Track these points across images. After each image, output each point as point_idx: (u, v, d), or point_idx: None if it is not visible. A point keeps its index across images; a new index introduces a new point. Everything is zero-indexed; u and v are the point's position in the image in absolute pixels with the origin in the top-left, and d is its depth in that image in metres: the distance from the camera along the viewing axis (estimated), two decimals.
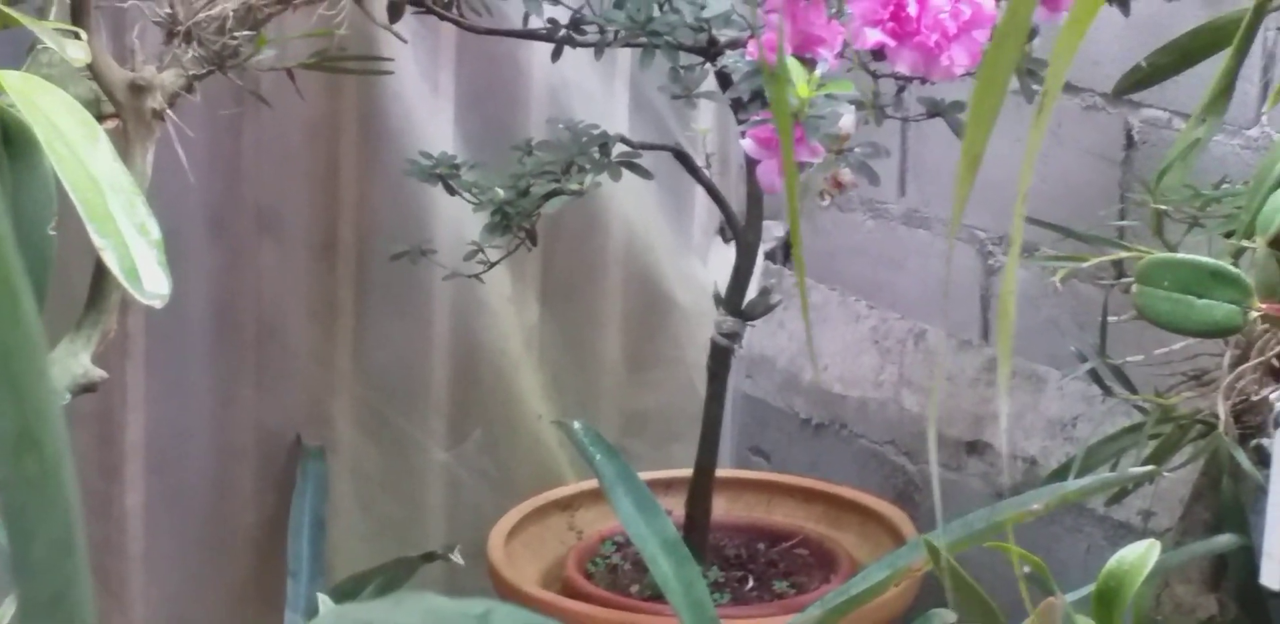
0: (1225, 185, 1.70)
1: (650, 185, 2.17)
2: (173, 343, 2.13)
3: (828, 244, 2.43)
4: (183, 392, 2.16)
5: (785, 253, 2.51)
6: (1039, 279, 1.75)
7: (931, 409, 2.19)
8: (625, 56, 2.22)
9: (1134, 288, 1.47)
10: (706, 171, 2.04)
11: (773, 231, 2.47)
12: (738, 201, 2.07)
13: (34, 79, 1.46)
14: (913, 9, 1.53)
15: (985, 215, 2.15)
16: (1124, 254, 1.64)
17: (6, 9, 1.53)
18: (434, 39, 2.16)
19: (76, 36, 1.56)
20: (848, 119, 1.58)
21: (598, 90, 2.26)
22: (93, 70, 1.63)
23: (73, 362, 1.50)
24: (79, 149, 1.39)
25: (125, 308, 1.73)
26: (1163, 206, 1.66)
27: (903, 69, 1.57)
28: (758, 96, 1.59)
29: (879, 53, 1.58)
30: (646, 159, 1.92)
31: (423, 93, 2.18)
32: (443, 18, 1.87)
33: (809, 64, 1.56)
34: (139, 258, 1.34)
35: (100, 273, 1.51)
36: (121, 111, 1.68)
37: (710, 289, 2.07)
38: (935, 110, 1.76)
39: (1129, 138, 2.03)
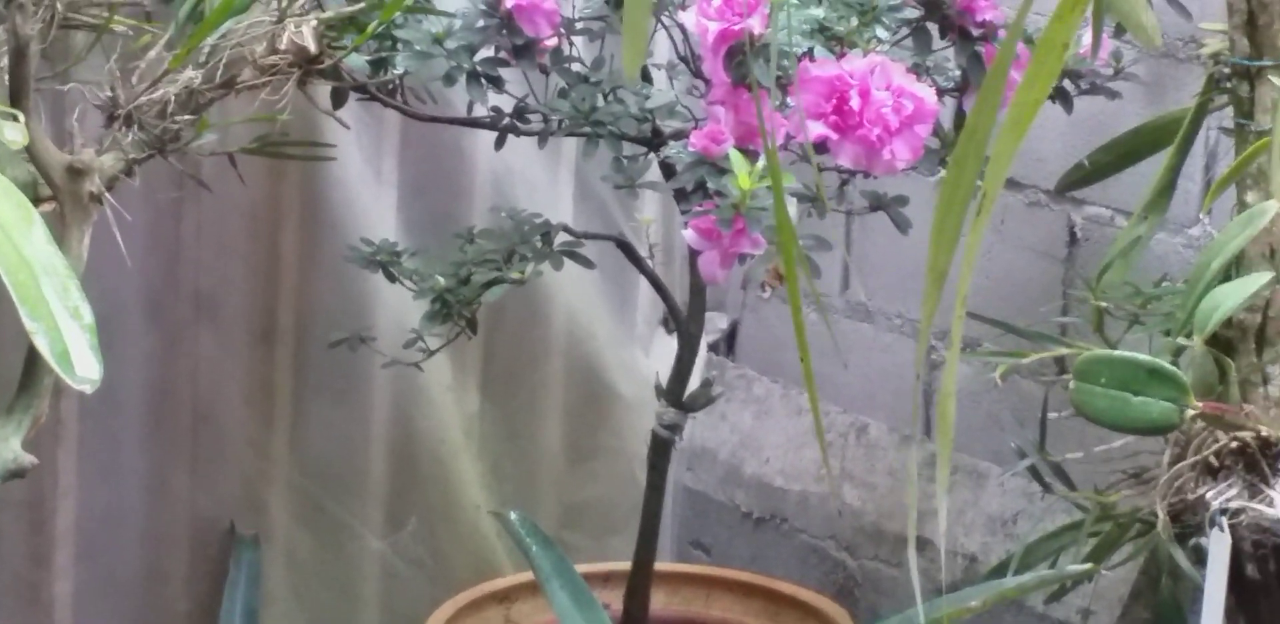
0: (1166, 283, 1.71)
1: (593, 274, 2.16)
2: (106, 428, 2.10)
3: (770, 336, 2.42)
4: (115, 478, 2.13)
5: (728, 344, 2.50)
6: (980, 374, 1.75)
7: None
8: (570, 145, 2.22)
9: (1072, 384, 1.47)
10: (650, 262, 2.04)
11: (716, 323, 2.46)
12: (681, 292, 2.06)
13: None
14: (855, 103, 1.54)
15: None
16: (1065, 351, 1.64)
17: None
18: (378, 125, 2.15)
19: (15, 118, 1.55)
20: (790, 211, 1.57)
21: (542, 179, 2.26)
22: (30, 153, 1.62)
23: (3, 447, 1.48)
24: (13, 232, 1.37)
25: (58, 392, 1.70)
26: (1103, 304, 1.66)
27: (845, 163, 1.57)
28: (700, 187, 1.59)
29: (822, 145, 1.58)
30: (590, 248, 1.91)
31: (366, 179, 2.17)
32: (386, 104, 1.86)
33: (751, 156, 1.56)
34: (71, 342, 1.33)
35: (32, 357, 1.49)
36: (59, 195, 1.66)
37: (652, 380, 2.06)
38: (878, 204, 1.76)
39: (1071, 234, 2.04)
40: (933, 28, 1.73)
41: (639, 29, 0.53)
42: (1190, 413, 1.44)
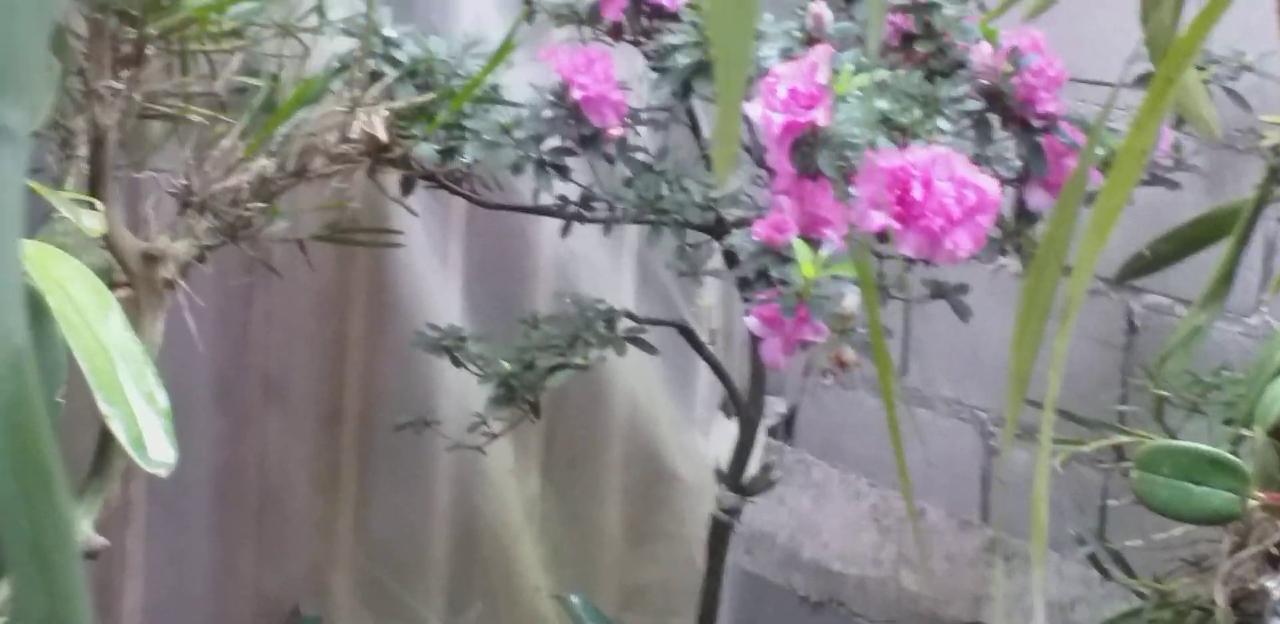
0: (1225, 372, 1.71)
1: (654, 359, 2.18)
2: (174, 510, 2.13)
3: (830, 422, 2.43)
4: (183, 560, 2.15)
5: (787, 428, 2.51)
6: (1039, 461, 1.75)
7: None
8: (632, 231, 2.25)
9: (1133, 473, 1.48)
10: (710, 347, 2.06)
11: (775, 407, 2.47)
12: (740, 376, 2.08)
13: (49, 248, 1.48)
14: (918, 193, 1.55)
15: (987, 396, 2.16)
16: (1124, 439, 1.65)
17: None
18: (445, 211, 2.19)
19: (93, 206, 1.59)
20: (851, 299, 1.59)
21: (604, 264, 2.29)
22: (107, 240, 1.65)
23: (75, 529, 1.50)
24: (91, 318, 1.40)
25: (128, 474, 1.73)
26: (1163, 392, 1.67)
27: (908, 252, 1.59)
28: (763, 276, 1.61)
29: (884, 235, 1.60)
30: (651, 333, 1.93)
31: (432, 264, 2.20)
32: (453, 192, 1.89)
33: (814, 244, 1.58)
34: (146, 427, 1.35)
35: (105, 440, 1.51)
36: (134, 281, 1.70)
37: (712, 464, 2.08)
38: (939, 292, 1.78)
39: (1130, 323, 2.05)
40: (994, 118, 1.75)
41: (731, 136, 0.55)
42: (1252, 503, 1.45)
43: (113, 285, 1.73)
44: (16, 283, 0.44)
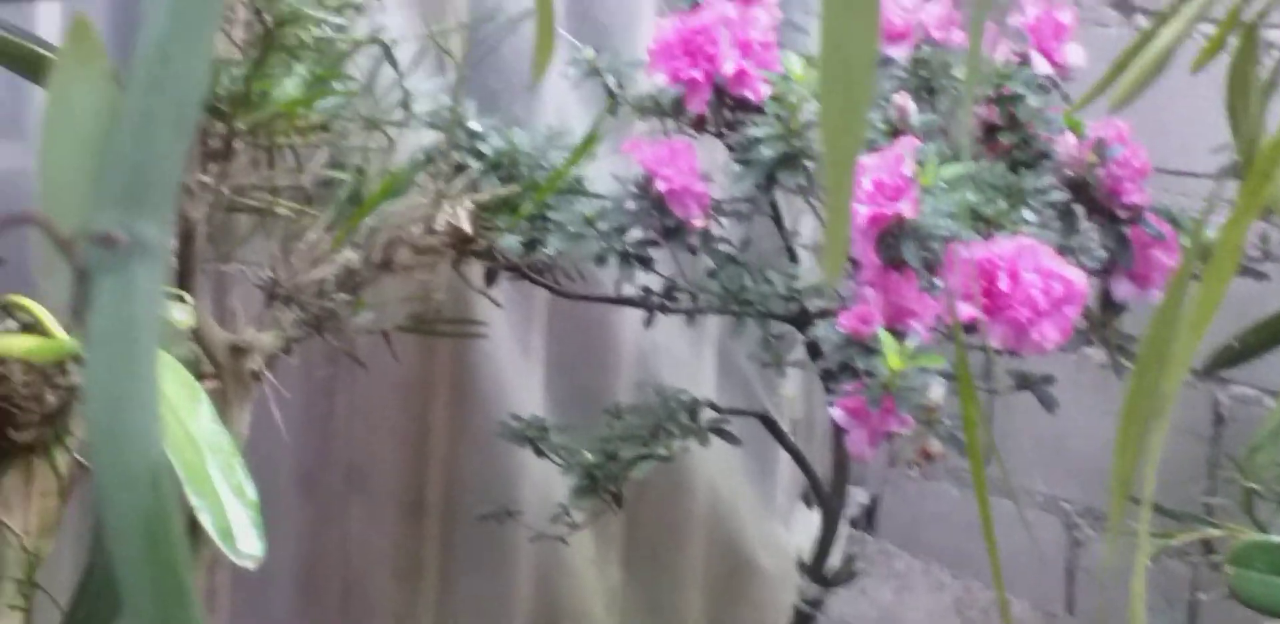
0: None
1: (735, 449, 2.18)
2: (258, 599, 2.13)
3: (912, 512, 2.42)
4: None
5: (868, 519, 2.50)
6: (1127, 554, 1.74)
7: None
8: (713, 321, 2.25)
9: (1227, 568, 1.46)
10: (792, 437, 2.05)
11: (857, 497, 2.46)
12: (822, 467, 2.07)
13: None
14: (1004, 284, 1.55)
15: (1071, 487, 2.15)
16: (1213, 532, 1.64)
17: None
18: (527, 302, 2.20)
19: (181, 299, 1.60)
20: (937, 390, 1.59)
21: (686, 354, 2.29)
22: (195, 332, 1.67)
23: None
24: (180, 410, 1.41)
25: (213, 564, 1.73)
26: (1253, 485, 1.65)
27: (995, 343, 1.59)
28: (848, 367, 1.61)
29: (971, 326, 1.60)
30: (732, 422, 1.93)
31: (514, 355, 2.21)
32: (536, 283, 1.90)
33: (900, 336, 1.58)
34: (234, 519, 1.36)
35: (193, 531, 1.52)
36: (221, 372, 1.71)
37: (793, 554, 2.07)
38: (1024, 383, 1.77)
39: (1218, 414, 2.03)
40: (1079, 209, 1.75)
41: (842, 239, 0.55)
42: None
43: (200, 377, 1.75)
44: (154, 399, 0.44)
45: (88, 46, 0.46)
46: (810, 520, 2.14)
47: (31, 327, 1.38)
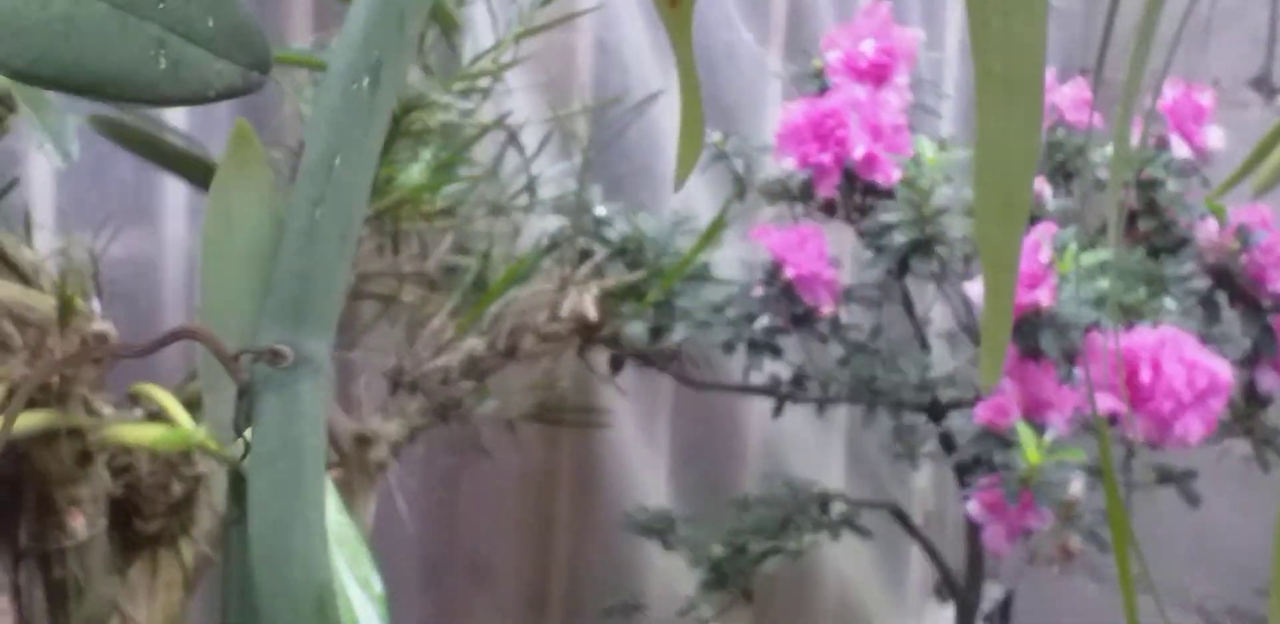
0: None
1: (865, 541, 2.13)
2: None
3: (1048, 608, 2.36)
4: None
5: (1003, 615, 2.44)
6: None
7: None
8: (842, 409, 2.21)
9: None
10: (923, 530, 2.00)
11: (990, 593, 2.40)
12: (955, 560, 2.02)
13: None
14: (1146, 376, 1.50)
15: (1214, 583, 2.08)
16: None
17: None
18: (652, 390, 2.17)
19: None
20: (1076, 485, 1.54)
21: (814, 443, 2.25)
22: None
23: None
24: None
25: None
26: None
27: (1135, 436, 1.53)
28: (984, 461, 1.56)
29: (1111, 418, 1.55)
30: (864, 513, 1.89)
31: (639, 444, 2.17)
32: (662, 371, 1.87)
33: (1038, 428, 1.54)
34: (361, 614, 1.33)
35: None
36: (346, 462, 1.69)
37: None
38: (1166, 477, 1.72)
39: None
40: (1221, 297, 1.70)
41: (999, 345, 0.52)
42: None
43: (326, 466, 1.73)
44: (320, 520, 0.42)
45: (249, 153, 0.45)
46: (943, 616, 2.09)
47: (157, 415, 1.36)
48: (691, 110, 0.55)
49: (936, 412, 1.74)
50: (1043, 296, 1.51)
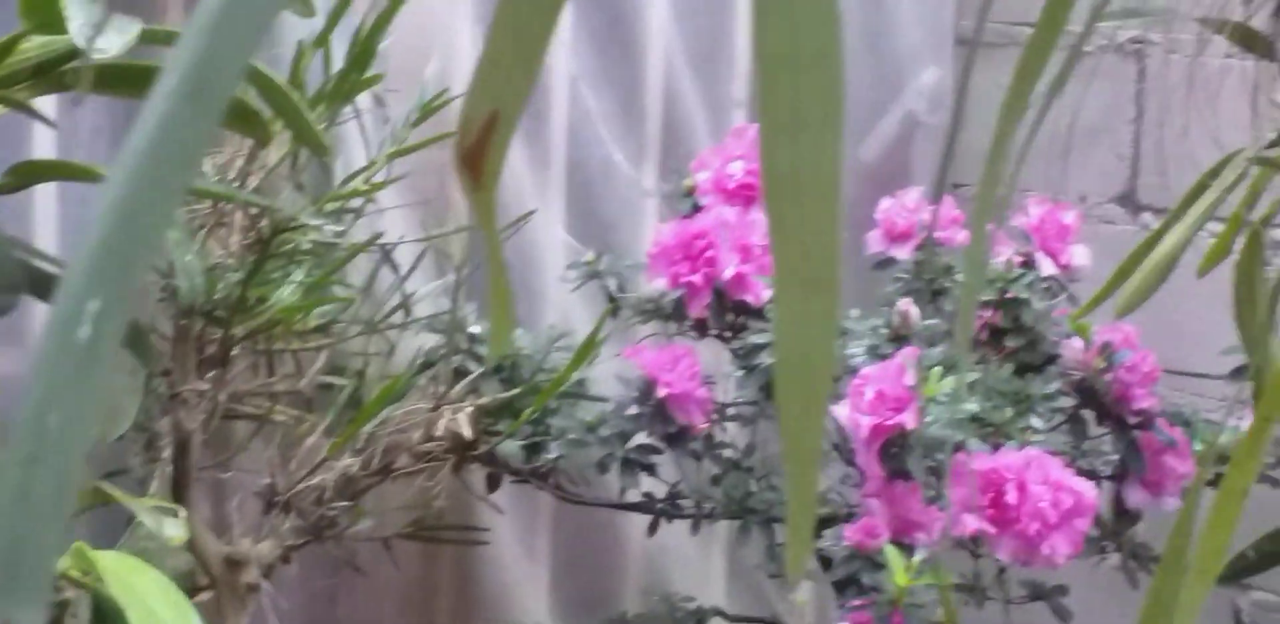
0: None
1: None
2: None
3: None
4: None
5: None
6: None
7: None
8: (723, 524, 2.21)
9: None
10: None
11: None
12: None
13: (127, 559, 1.46)
14: (1012, 497, 1.52)
15: None
16: None
17: (105, 486, 1.55)
18: (531, 504, 2.16)
19: (175, 514, 1.57)
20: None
21: (694, 557, 2.25)
22: (190, 544, 1.64)
23: None
24: None
25: None
26: None
27: (1004, 558, 1.55)
28: (854, 581, 1.57)
29: (979, 538, 1.56)
30: None
31: (519, 559, 2.16)
32: (539, 488, 1.87)
33: (907, 549, 1.55)
34: None
35: None
36: (216, 585, 1.68)
37: None
38: (1037, 594, 1.73)
39: (1238, 620, 1.98)
40: (1088, 414, 1.72)
41: (804, 536, 0.52)
42: None
43: (196, 589, 1.72)
44: None
45: None
46: None
47: None
48: (500, 289, 0.56)
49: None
50: (907, 420, 1.52)
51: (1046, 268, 1.77)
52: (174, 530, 1.56)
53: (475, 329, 1.84)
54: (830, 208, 0.48)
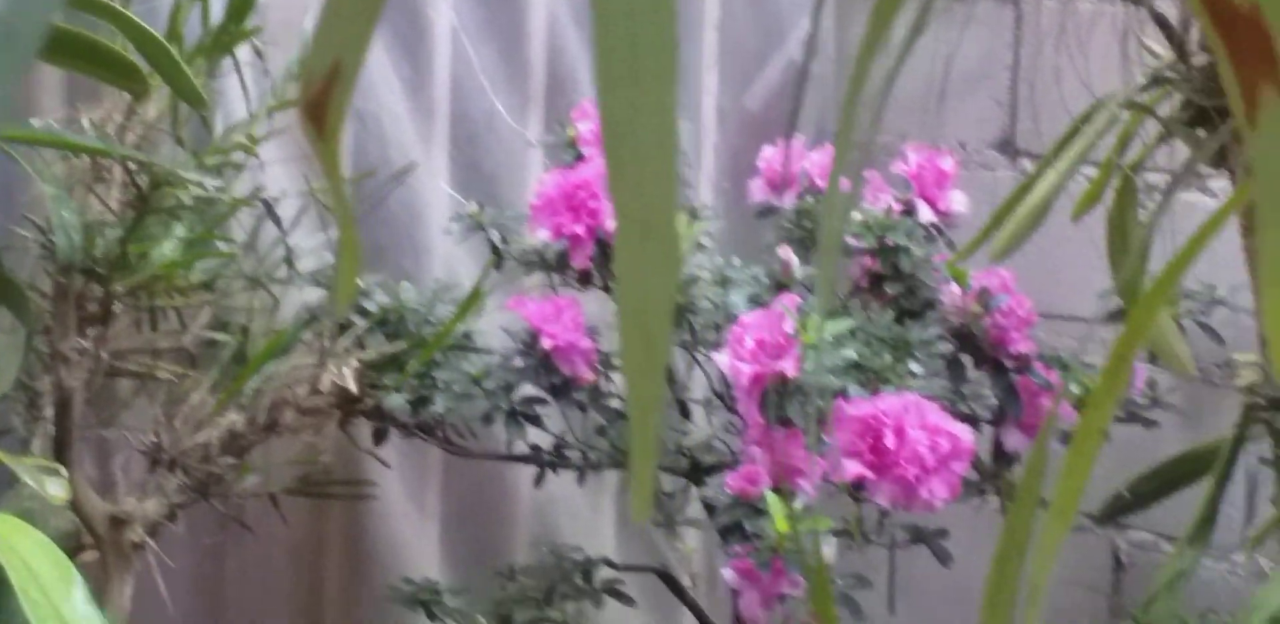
0: (1213, 615, 1.68)
1: (639, 601, 2.14)
2: None
3: None
4: None
5: None
6: None
7: None
8: (612, 474, 2.22)
9: None
10: (692, 591, 2.02)
11: None
12: (726, 620, 2.04)
13: (9, 519, 1.46)
14: (891, 442, 1.53)
15: None
16: None
17: None
18: (420, 458, 2.16)
19: (57, 473, 1.57)
20: (828, 551, 1.57)
21: (584, 507, 2.26)
22: (73, 504, 1.63)
23: None
24: (52, 593, 1.37)
25: None
26: None
27: (883, 502, 1.56)
28: (738, 528, 1.58)
29: (860, 483, 1.58)
30: (633, 577, 1.90)
31: (409, 513, 2.16)
32: (427, 441, 1.87)
33: (789, 495, 1.56)
34: None
35: None
36: (100, 544, 1.67)
37: None
38: (919, 537, 1.75)
39: (1117, 559, 2.02)
40: (966, 359, 1.74)
41: (648, 481, 0.53)
42: None
43: (80, 548, 1.71)
44: None
45: None
46: None
47: None
48: (349, 239, 0.56)
49: (697, 476, 1.76)
50: (787, 367, 1.53)
51: (925, 214, 1.79)
52: (56, 490, 1.55)
53: (359, 281, 1.83)
54: (667, 155, 0.49)
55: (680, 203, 1.78)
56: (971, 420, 1.73)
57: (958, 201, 1.81)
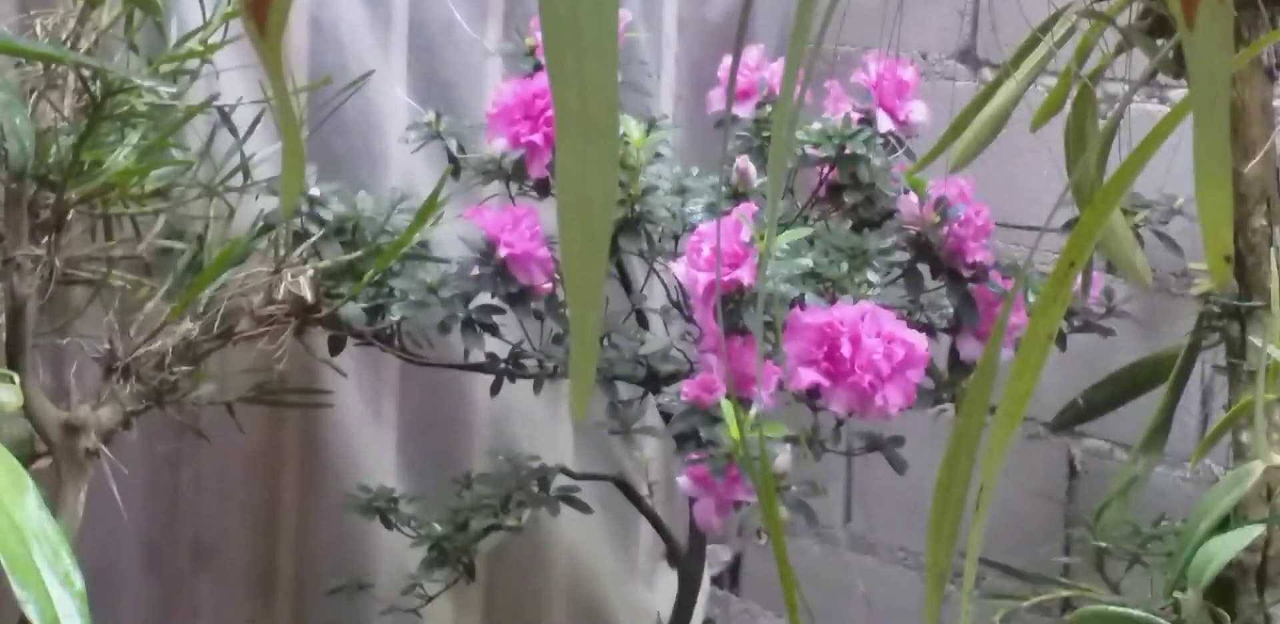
0: (1166, 522, 1.69)
1: (595, 512, 2.15)
2: None
3: (774, 570, 2.40)
4: None
5: (732, 577, 2.48)
6: (982, 617, 1.73)
7: None
8: (568, 382, 2.22)
9: None
10: (649, 499, 2.03)
11: (719, 555, 2.44)
12: (683, 527, 2.05)
13: None
14: (846, 350, 1.54)
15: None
16: (1065, 593, 1.62)
17: None
18: (377, 367, 2.16)
19: (10, 380, 1.56)
20: (783, 458, 1.57)
21: (542, 416, 2.26)
22: (26, 411, 1.62)
23: None
24: (4, 498, 1.37)
25: None
26: (1103, 544, 1.64)
27: (838, 409, 1.57)
28: (693, 436, 1.59)
29: (815, 391, 1.58)
30: (592, 485, 1.90)
31: (366, 422, 2.16)
32: (383, 350, 1.87)
33: (745, 403, 1.56)
34: (62, 610, 1.31)
35: (22, 622, 1.47)
36: (55, 452, 1.66)
37: (655, 616, 2.04)
38: (874, 445, 1.76)
39: (1072, 467, 2.03)
40: (924, 269, 1.74)
41: (587, 374, 0.53)
42: None
43: (34, 456, 1.70)
44: None
45: None
46: (673, 580, 2.11)
47: None
48: (292, 142, 0.56)
49: (654, 385, 1.76)
50: (744, 275, 1.53)
51: (885, 124, 1.78)
52: (8, 396, 1.55)
53: (315, 191, 1.82)
54: (608, 54, 0.48)
55: (629, 108, 1.77)
56: (929, 329, 1.73)
57: (918, 111, 1.80)
